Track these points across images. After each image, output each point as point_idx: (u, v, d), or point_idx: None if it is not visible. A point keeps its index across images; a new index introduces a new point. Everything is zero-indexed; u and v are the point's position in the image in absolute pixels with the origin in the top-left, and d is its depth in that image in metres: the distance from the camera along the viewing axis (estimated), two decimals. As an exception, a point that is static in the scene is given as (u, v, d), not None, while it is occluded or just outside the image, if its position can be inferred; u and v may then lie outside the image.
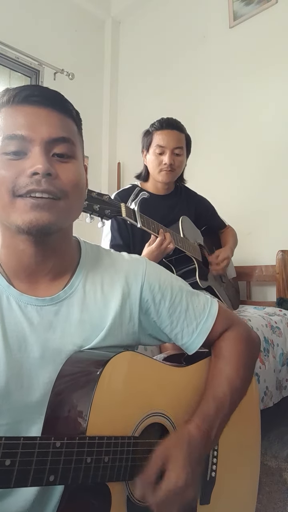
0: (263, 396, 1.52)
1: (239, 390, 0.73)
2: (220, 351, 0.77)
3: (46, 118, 0.60)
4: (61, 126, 0.61)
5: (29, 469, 0.46)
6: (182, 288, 0.79)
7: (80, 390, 0.57)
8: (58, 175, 0.60)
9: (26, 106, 0.60)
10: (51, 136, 0.60)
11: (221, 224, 1.95)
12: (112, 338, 0.70)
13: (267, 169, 2.30)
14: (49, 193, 0.58)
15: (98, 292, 0.71)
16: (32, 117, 0.59)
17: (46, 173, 0.57)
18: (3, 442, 0.44)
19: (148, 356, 0.70)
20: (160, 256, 1.40)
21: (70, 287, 0.68)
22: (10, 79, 2.82)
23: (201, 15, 2.71)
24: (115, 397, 0.59)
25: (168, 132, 1.62)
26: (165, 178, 1.64)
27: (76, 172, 0.63)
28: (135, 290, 0.74)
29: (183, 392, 0.71)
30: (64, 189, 0.60)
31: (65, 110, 0.63)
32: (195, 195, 1.87)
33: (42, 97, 0.60)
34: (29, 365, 0.62)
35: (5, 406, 0.60)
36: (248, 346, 0.78)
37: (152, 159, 1.64)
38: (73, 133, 0.64)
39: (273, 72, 2.29)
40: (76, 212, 0.66)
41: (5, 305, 0.63)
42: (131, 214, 1.26)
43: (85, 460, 0.52)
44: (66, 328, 0.66)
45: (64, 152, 0.61)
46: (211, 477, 0.73)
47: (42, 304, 0.65)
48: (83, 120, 0.70)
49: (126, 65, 3.30)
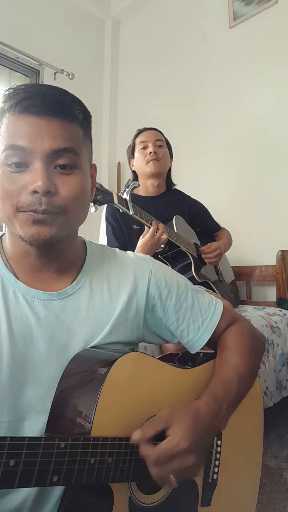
0: (263, 396, 1.52)
1: (246, 378, 0.73)
2: (225, 343, 0.77)
3: (47, 128, 0.59)
4: (64, 135, 0.60)
5: (33, 469, 0.46)
6: (188, 285, 0.80)
7: (86, 389, 0.57)
8: (57, 191, 0.60)
9: (27, 116, 0.59)
10: (52, 148, 0.59)
11: (215, 226, 1.96)
12: (117, 333, 0.70)
13: (267, 169, 2.30)
14: (49, 212, 0.59)
15: (105, 289, 0.71)
16: (34, 128, 0.59)
17: (46, 191, 0.58)
18: (8, 442, 0.44)
19: (154, 357, 0.70)
20: (154, 247, 1.42)
21: (77, 283, 0.69)
22: (10, 79, 2.81)
23: (201, 15, 2.71)
24: (120, 398, 0.59)
25: (147, 131, 1.80)
26: (153, 168, 1.72)
27: (77, 183, 0.62)
28: (142, 287, 0.75)
29: (188, 393, 0.70)
30: (63, 204, 0.60)
31: (70, 116, 0.62)
32: (188, 197, 1.90)
33: (44, 107, 0.59)
34: (34, 360, 0.62)
35: (8, 401, 0.60)
36: (252, 340, 0.79)
37: (138, 157, 1.77)
38: (77, 140, 0.63)
39: (273, 72, 2.29)
40: (78, 221, 0.66)
41: (12, 299, 0.64)
42: (123, 202, 1.30)
43: (89, 461, 0.51)
44: (72, 323, 0.66)
45: (66, 163, 0.61)
46: (213, 479, 0.73)
47: (49, 299, 0.66)
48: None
49: (126, 65, 3.30)
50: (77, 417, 0.56)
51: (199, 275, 1.63)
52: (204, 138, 2.59)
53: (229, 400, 0.68)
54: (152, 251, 1.42)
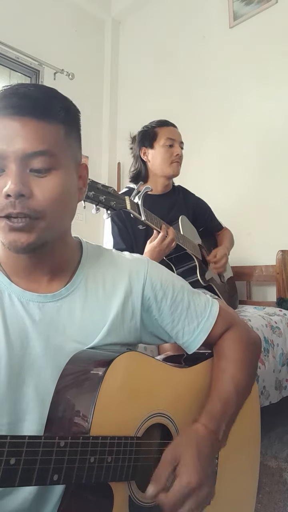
0: (260, 396, 1.52)
1: (244, 388, 0.73)
2: (222, 351, 0.77)
3: (20, 130, 0.56)
4: (38, 137, 0.57)
5: (34, 468, 0.46)
6: (184, 287, 0.80)
7: (84, 390, 0.58)
8: (33, 194, 0.57)
9: (1, 118, 0.57)
10: (25, 152, 0.56)
11: (218, 225, 1.95)
12: (114, 335, 0.70)
13: (267, 169, 2.30)
14: (25, 215, 0.57)
15: (100, 290, 0.71)
16: (7, 130, 0.56)
17: (19, 194, 0.55)
18: (8, 440, 0.44)
19: (151, 356, 0.70)
20: (162, 253, 1.38)
21: (72, 285, 0.69)
22: (10, 79, 2.82)
23: (201, 15, 2.71)
24: (118, 397, 0.60)
25: (174, 128, 1.73)
26: (176, 170, 1.70)
27: (55, 186, 0.59)
28: (137, 287, 0.74)
29: (186, 393, 0.71)
30: (39, 209, 0.57)
31: (46, 115, 0.58)
32: (193, 196, 1.88)
33: (18, 107, 0.56)
34: (31, 362, 0.62)
35: (7, 403, 0.60)
36: (249, 346, 0.79)
37: (162, 152, 1.66)
38: (54, 141, 0.59)
39: (273, 72, 2.29)
40: (62, 224, 0.64)
41: (7, 302, 0.64)
42: (135, 207, 1.26)
43: (89, 459, 0.52)
44: (68, 325, 0.66)
45: (41, 167, 0.58)
46: (212, 478, 0.73)
47: (44, 301, 0.65)
48: (83, 120, 0.67)
49: (126, 65, 3.30)
50: (76, 417, 0.56)
51: (203, 279, 1.62)
52: (204, 138, 2.59)
53: (228, 416, 0.68)
54: (160, 257, 1.38)
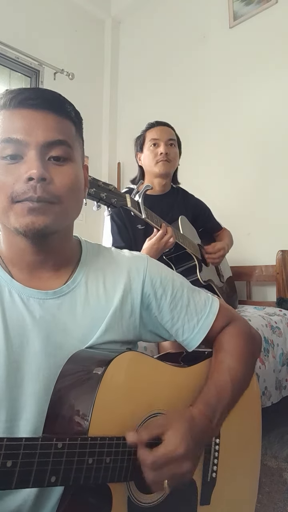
0: (261, 396, 1.52)
1: (241, 380, 0.73)
2: (221, 345, 0.77)
3: (42, 121, 0.60)
4: (58, 128, 0.62)
5: (31, 470, 0.46)
6: (183, 284, 0.80)
7: (83, 389, 0.57)
8: (52, 180, 0.60)
9: (22, 109, 0.60)
10: (46, 140, 0.60)
11: (216, 225, 1.96)
12: (113, 332, 0.70)
13: (267, 170, 2.30)
14: (44, 200, 0.59)
15: (100, 288, 0.71)
16: (28, 121, 0.60)
17: (41, 178, 0.58)
18: (4, 443, 0.43)
19: (150, 356, 0.70)
20: (160, 250, 1.40)
21: (72, 282, 0.69)
22: (10, 79, 2.81)
23: (201, 15, 2.71)
24: (117, 397, 0.59)
25: (160, 128, 1.71)
26: (162, 169, 1.67)
27: (72, 175, 0.63)
28: (137, 284, 0.74)
29: (185, 392, 0.70)
30: (57, 194, 0.61)
31: (63, 111, 0.64)
32: (192, 197, 1.89)
33: (39, 99, 0.61)
34: (30, 359, 0.62)
35: (5, 401, 0.60)
36: (248, 341, 0.79)
37: (147, 154, 1.69)
38: (70, 135, 0.64)
39: (273, 72, 2.29)
40: (73, 214, 0.67)
41: (7, 298, 0.64)
42: (135, 205, 1.27)
43: (87, 461, 0.51)
44: (68, 322, 0.66)
45: (60, 154, 0.62)
46: (212, 477, 0.73)
47: (45, 297, 0.66)
48: (83, 120, 0.70)
49: (126, 65, 3.30)
50: (74, 416, 0.56)
51: (203, 278, 1.62)
52: (204, 138, 2.59)
53: (223, 405, 0.68)
54: (158, 254, 1.40)
